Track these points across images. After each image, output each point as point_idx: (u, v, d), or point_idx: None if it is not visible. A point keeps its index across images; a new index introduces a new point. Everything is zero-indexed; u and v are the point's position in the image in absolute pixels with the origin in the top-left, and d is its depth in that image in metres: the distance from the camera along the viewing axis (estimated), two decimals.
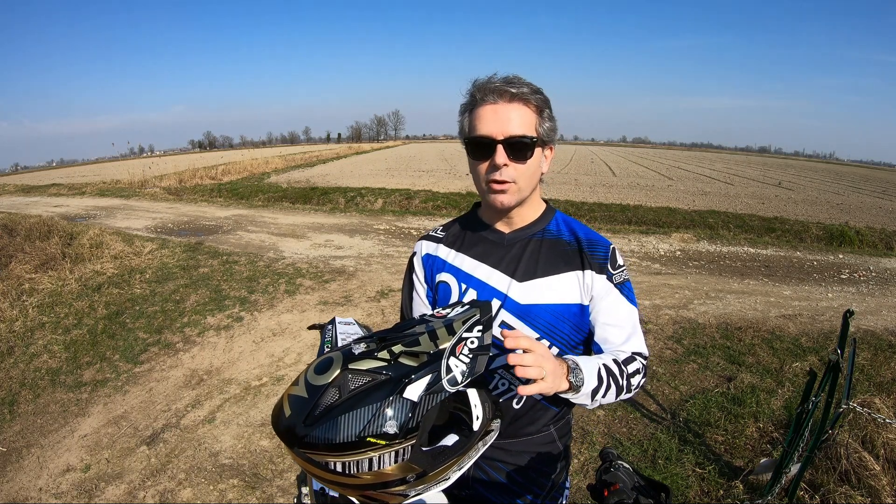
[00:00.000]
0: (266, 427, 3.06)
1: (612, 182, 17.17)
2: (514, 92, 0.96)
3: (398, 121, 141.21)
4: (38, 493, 2.61)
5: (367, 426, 0.64)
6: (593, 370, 0.94)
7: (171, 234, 8.75)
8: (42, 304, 5.07)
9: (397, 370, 0.68)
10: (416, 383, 0.67)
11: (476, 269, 1.09)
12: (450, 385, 0.69)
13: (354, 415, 0.65)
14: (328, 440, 0.65)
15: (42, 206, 13.65)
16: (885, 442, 2.44)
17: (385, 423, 0.65)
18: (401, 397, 0.66)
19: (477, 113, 0.98)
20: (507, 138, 0.95)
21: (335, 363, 0.69)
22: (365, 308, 4.99)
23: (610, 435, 2.91)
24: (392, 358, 0.69)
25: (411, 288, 1.22)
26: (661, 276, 6.16)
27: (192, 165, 22.42)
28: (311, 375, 0.69)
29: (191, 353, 4.13)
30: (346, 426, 0.65)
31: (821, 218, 10.36)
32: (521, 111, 0.97)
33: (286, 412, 0.68)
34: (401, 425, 0.66)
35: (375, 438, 0.65)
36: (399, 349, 0.70)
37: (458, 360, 0.71)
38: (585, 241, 1.07)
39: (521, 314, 1.04)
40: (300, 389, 0.68)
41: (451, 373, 0.69)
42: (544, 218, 1.11)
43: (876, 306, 5.09)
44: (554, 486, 1.18)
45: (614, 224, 9.56)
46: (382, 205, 11.71)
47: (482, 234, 1.12)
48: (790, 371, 3.56)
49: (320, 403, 0.66)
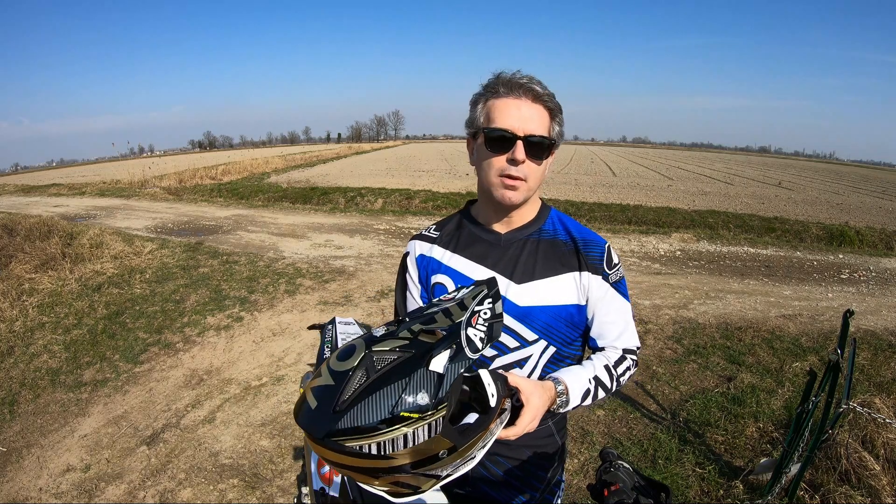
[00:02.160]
0: (266, 427, 3.06)
1: (612, 182, 17.18)
2: (539, 92, 0.98)
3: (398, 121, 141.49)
4: (38, 493, 2.61)
5: (399, 401, 0.65)
6: (580, 390, 0.99)
7: (171, 234, 8.75)
8: (42, 304, 5.07)
9: (420, 346, 0.70)
10: (441, 355, 0.70)
11: (473, 271, 1.08)
12: (472, 352, 0.72)
13: (386, 391, 0.65)
14: (361, 423, 0.64)
15: (42, 206, 13.64)
16: (885, 442, 2.44)
17: (417, 394, 0.66)
18: (424, 371, 0.68)
19: (497, 105, 0.98)
20: (527, 136, 0.96)
21: (358, 348, 0.69)
22: (365, 308, 5.00)
23: (610, 435, 2.91)
24: (413, 336, 0.71)
25: (405, 289, 1.21)
26: (661, 276, 6.16)
27: (192, 165, 22.45)
28: (335, 363, 0.69)
29: (191, 353, 4.13)
30: (379, 404, 0.65)
31: (821, 218, 10.36)
32: (541, 112, 0.99)
33: (311, 404, 0.67)
34: (432, 395, 0.67)
35: (409, 412, 0.65)
36: (418, 327, 0.72)
37: (475, 330, 0.75)
38: (581, 241, 1.08)
39: (519, 316, 1.04)
40: (324, 379, 0.68)
41: (471, 341, 0.73)
42: (540, 217, 1.12)
43: (876, 306, 5.09)
44: (551, 482, 1.19)
45: (614, 224, 9.55)
46: (382, 205, 11.71)
47: (478, 234, 1.12)
48: (790, 371, 3.56)
49: (349, 388, 0.66)
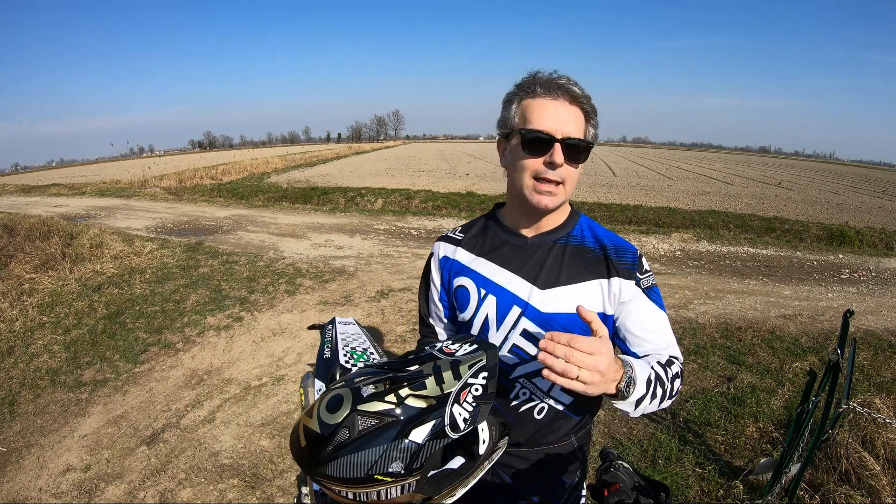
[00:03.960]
0: (266, 427, 3.06)
1: (612, 182, 17.17)
2: (577, 93, 0.95)
3: (398, 121, 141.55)
4: (38, 493, 2.61)
5: (374, 465, 0.69)
6: (644, 377, 0.86)
7: (171, 234, 8.74)
8: (42, 304, 5.07)
9: (405, 412, 0.72)
10: (422, 427, 0.72)
11: (496, 275, 1.05)
12: (453, 432, 0.73)
13: (362, 455, 0.70)
14: (339, 475, 0.70)
15: (42, 206, 13.64)
16: (885, 442, 2.44)
17: (391, 463, 0.70)
18: (406, 440, 0.71)
19: (533, 105, 0.95)
20: (565, 138, 0.93)
21: (345, 402, 0.73)
22: (365, 308, 4.99)
23: (610, 435, 2.91)
24: (399, 401, 0.73)
25: (428, 291, 1.19)
26: (661, 276, 6.16)
27: (192, 165, 22.45)
28: (324, 413, 0.73)
29: (191, 353, 4.13)
30: (355, 465, 0.70)
31: (821, 218, 10.36)
32: (577, 114, 0.96)
33: (302, 442, 0.74)
34: (406, 465, 0.70)
35: (382, 476, 0.70)
36: (406, 392, 0.74)
37: (461, 408, 0.74)
38: (612, 248, 1.03)
39: (542, 323, 1.01)
40: (314, 424, 0.73)
41: (454, 420, 0.73)
42: (569, 222, 1.08)
43: (876, 306, 5.09)
44: (571, 495, 1.15)
45: (614, 224, 9.55)
46: (382, 205, 11.71)
47: (503, 238, 1.08)
48: (790, 371, 3.56)
49: (332, 441, 0.71)
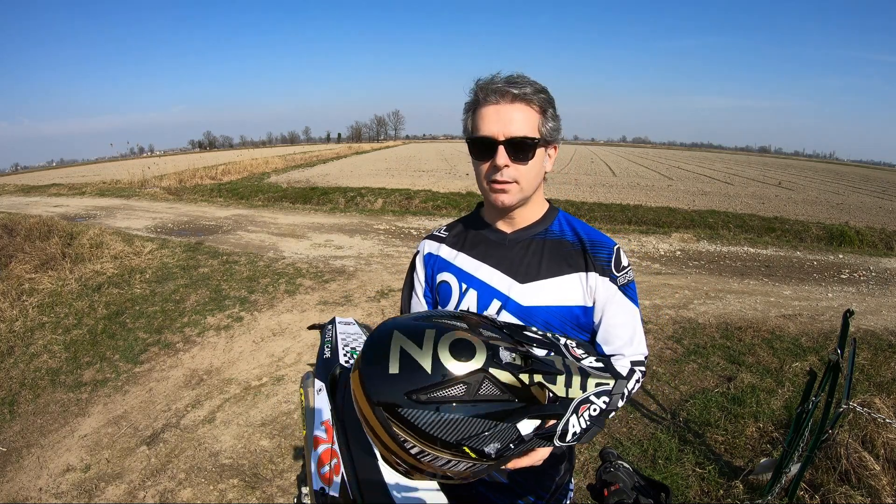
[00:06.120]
0: (266, 427, 3.06)
1: (612, 182, 17.18)
2: (516, 93, 0.95)
3: (398, 121, 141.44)
4: (38, 493, 2.61)
5: (472, 438, 0.61)
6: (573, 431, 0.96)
7: (171, 234, 8.74)
8: (42, 304, 5.07)
9: (526, 398, 0.66)
10: (532, 421, 0.66)
11: (477, 270, 1.08)
12: (559, 440, 0.68)
13: (468, 422, 0.60)
14: (424, 427, 0.59)
15: (42, 206, 13.63)
16: (885, 442, 2.44)
17: (490, 443, 0.62)
18: (514, 427, 0.64)
19: (479, 113, 0.98)
20: (508, 139, 0.95)
21: (478, 356, 0.63)
22: (365, 308, 4.99)
23: (610, 435, 2.91)
24: (529, 384, 0.67)
25: (411, 286, 1.22)
26: (661, 275, 6.16)
27: (192, 165, 22.47)
28: (444, 353, 0.61)
29: (191, 353, 4.13)
30: (454, 427, 0.60)
31: (821, 218, 10.37)
32: (524, 112, 0.96)
33: (392, 368, 0.60)
34: (500, 450, 0.63)
35: (471, 451, 0.62)
36: (538, 379, 0.68)
37: (577, 420, 0.70)
38: (588, 242, 1.06)
39: (522, 316, 1.03)
40: (424, 358, 0.60)
41: (566, 430, 0.69)
42: (547, 218, 1.10)
43: (876, 306, 5.09)
44: (558, 488, 1.17)
45: (614, 224, 9.55)
46: (382, 205, 11.71)
47: (484, 234, 1.11)
48: (790, 371, 3.56)
49: (441, 388, 0.60)
